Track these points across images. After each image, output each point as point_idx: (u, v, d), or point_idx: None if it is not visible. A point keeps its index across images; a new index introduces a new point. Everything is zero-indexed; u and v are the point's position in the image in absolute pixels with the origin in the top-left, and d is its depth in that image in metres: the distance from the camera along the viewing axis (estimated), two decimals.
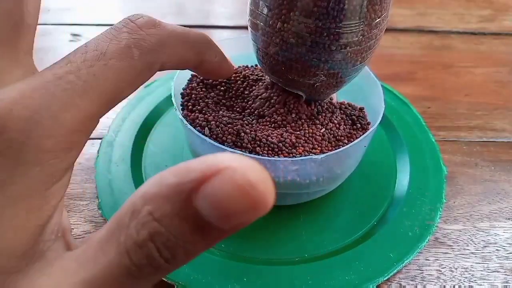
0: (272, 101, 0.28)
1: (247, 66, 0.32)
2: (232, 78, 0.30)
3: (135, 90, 0.17)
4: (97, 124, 0.16)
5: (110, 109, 0.16)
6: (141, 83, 0.18)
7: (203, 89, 0.29)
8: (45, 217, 0.14)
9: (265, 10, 0.24)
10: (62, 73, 0.14)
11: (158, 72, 0.19)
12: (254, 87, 0.29)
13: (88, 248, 0.13)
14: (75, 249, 0.15)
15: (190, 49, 0.20)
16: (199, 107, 0.28)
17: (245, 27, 0.27)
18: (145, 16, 0.18)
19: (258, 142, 0.26)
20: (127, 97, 0.17)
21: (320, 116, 0.28)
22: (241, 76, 0.30)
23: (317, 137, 0.27)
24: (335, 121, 0.28)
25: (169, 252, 0.12)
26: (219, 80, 0.29)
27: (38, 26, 0.17)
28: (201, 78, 0.30)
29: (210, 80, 0.30)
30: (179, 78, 0.29)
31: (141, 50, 0.17)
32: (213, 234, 0.12)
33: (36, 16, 0.17)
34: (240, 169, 0.10)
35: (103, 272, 0.13)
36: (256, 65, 0.32)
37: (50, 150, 0.14)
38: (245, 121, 0.27)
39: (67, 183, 0.15)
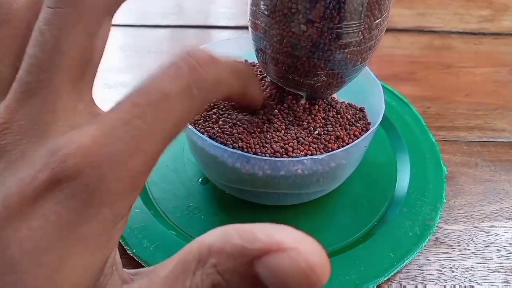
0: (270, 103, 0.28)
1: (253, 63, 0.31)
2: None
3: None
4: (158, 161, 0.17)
5: (168, 145, 0.17)
6: (194, 117, 0.18)
7: None
8: (109, 252, 0.15)
9: (266, 11, 0.24)
10: (129, 118, 0.15)
11: None
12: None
13: (152, 285, 0.15)
14: (132, 283, 0.15)
15: (240, 83, 0.21)
16: None
17: (246, 27, 0.27)
18: (201, 50, 0.18)
19: (259, 143, 0.26)
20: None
21: (319, 115, 0.28)
22: None
23: (317, 136, 0.27)
24: (338, 120, 0.28)
25: None
26: None
27: None
28: None
29: None
30: None
31: (200, 89, 0.17)
32: None
33: (102, 53, 0.17)
34: (303, 253, 0.12)
35: None
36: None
37: (118, 192, 0.14)
38: (244, 123, 0.27)
39: (128, 219, 0.16)
